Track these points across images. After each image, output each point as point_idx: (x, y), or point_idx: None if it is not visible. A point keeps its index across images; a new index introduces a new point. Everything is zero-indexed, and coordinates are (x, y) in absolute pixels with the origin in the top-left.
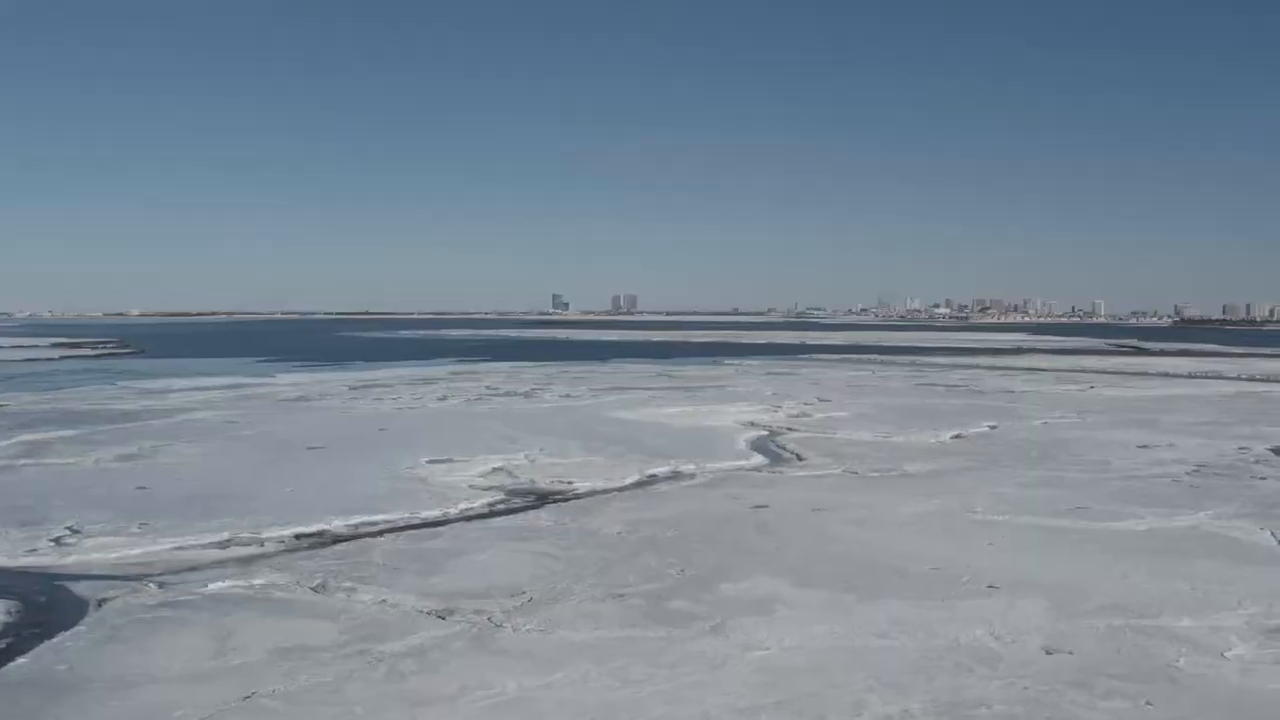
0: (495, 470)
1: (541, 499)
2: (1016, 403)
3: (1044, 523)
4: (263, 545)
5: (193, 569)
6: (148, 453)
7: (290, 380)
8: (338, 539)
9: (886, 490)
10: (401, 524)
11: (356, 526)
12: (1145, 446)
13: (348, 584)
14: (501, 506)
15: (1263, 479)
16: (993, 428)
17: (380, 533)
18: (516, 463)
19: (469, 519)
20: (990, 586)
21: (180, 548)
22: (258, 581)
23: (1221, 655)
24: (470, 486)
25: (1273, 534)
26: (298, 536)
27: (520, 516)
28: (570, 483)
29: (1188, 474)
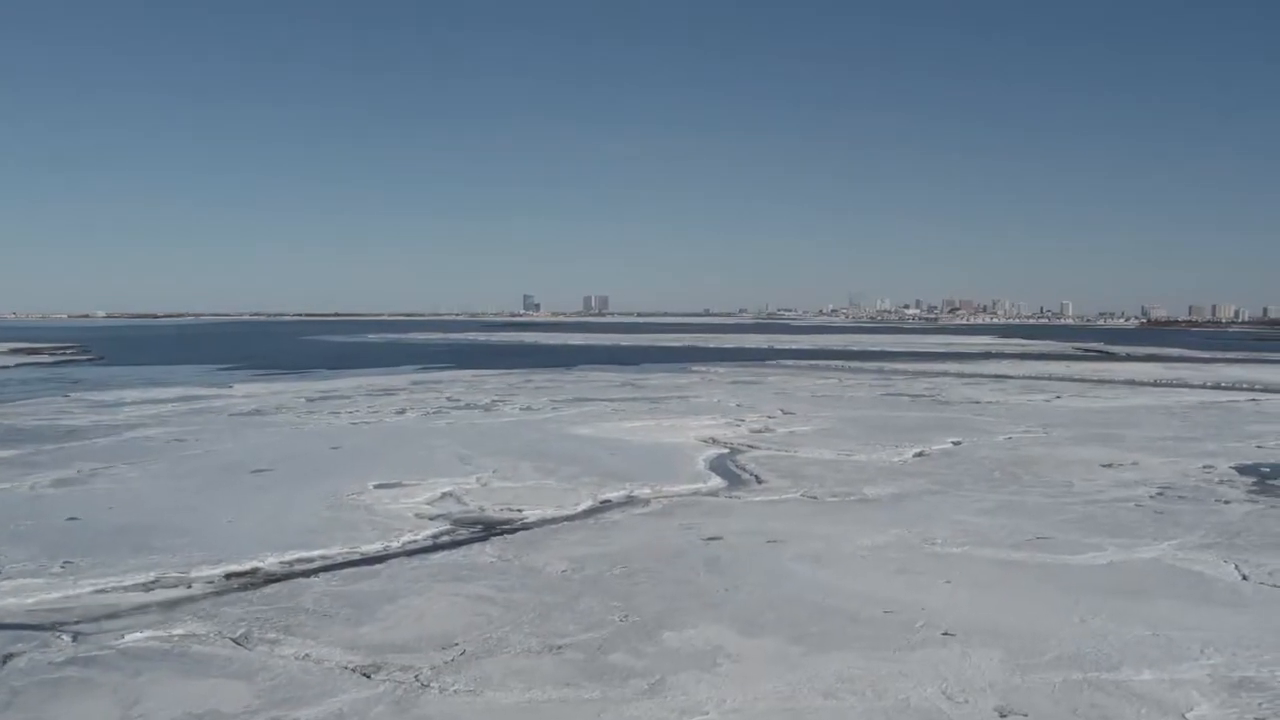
0: (444, 496)
1: (488, 529)
2: (981, 414)
3: (1003, 556)
4: (190, 586)
5: (112, 615)
6: (86, 477)
7: (247, 391)
8: (270, 578)
9: (844, 518)
10: (339, 560)
11: (291, 564)
12: (1109, 465)
13: (272, 634)
14: (446, 539)
15: (1226, 503)
16: (956, 444)
17: (315, 571)
18: (467, 487)
19: (410, 553)
20: (945, 634)
21: (102, 590)
22: (177, 632)
23: (1183, 717)
24: (416, 516)
25: (1237, 568)
26: (228, 576)
27: (463, 551)
28: (520, 510)
29: (1151, 497)
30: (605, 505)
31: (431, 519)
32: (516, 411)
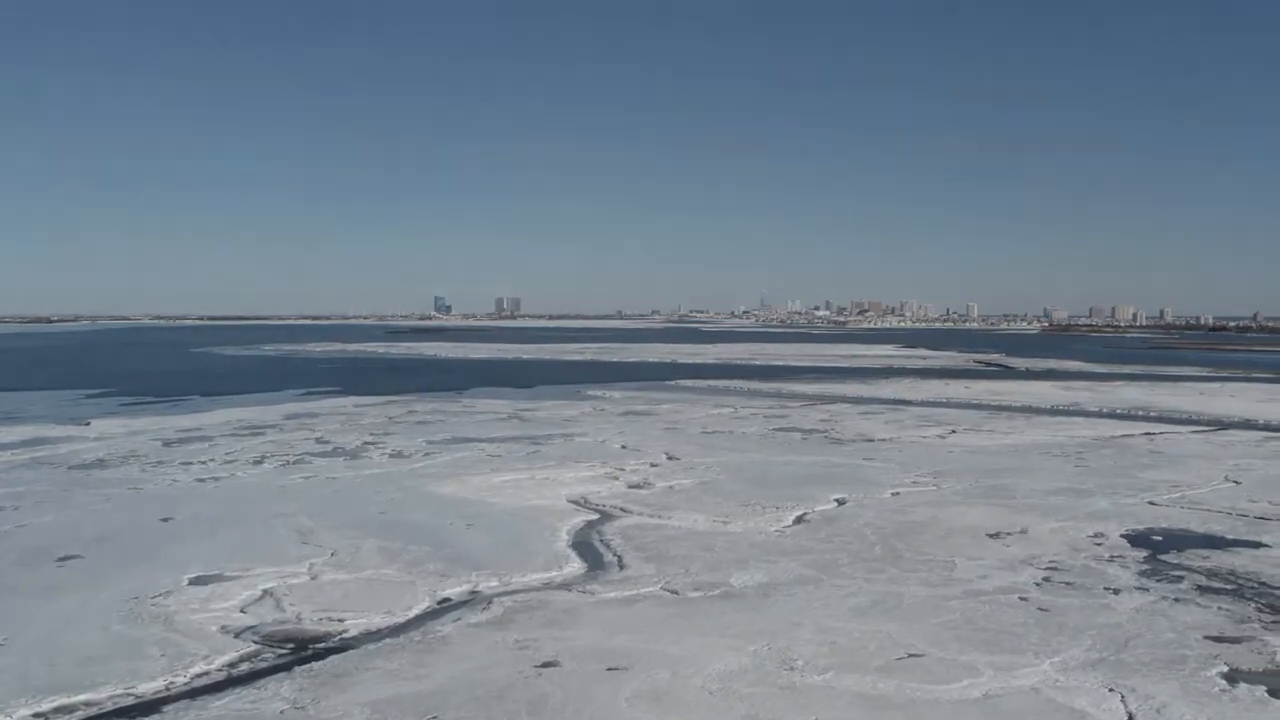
0: (263, 596)
1: (297, 650)
2: (872, 458)
3: (868, 687)
4: None
5: None
6: None
7: (102, 430)
8: None
9: (702, 625)
10: (107, 708)
11: (46, 717)
12: (996, 535)
13: None
14: (244, 668)
15: (1115, 592)
16: (840, 503)
17: None
18: (294, 582)
19: (194, 694)
20: None
21: None
22: None
23: None
24: (220, 629)
25: (1123, 700)
26: None
27: (254, 692)
28: (342, 620)
29: (1037, 584)
30: (443, 607)
31: (237, 635)
32: (384, 459)
